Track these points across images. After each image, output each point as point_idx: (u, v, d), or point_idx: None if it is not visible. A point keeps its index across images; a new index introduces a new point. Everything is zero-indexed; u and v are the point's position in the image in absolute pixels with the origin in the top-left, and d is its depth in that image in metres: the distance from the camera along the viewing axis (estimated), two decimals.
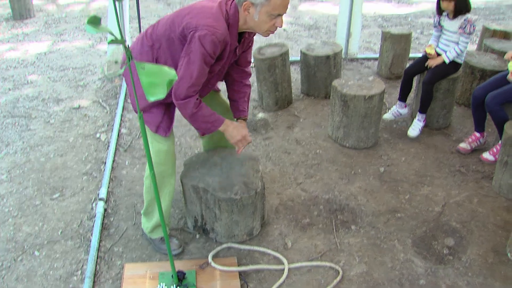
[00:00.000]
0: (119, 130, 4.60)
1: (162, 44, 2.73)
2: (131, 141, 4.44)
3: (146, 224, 3.22)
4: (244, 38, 2.81)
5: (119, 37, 2.06)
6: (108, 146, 4.36)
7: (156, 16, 8.46)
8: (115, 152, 4.25)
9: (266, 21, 2.56)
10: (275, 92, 4.82)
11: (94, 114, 4.94)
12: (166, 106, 2.92)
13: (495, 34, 6.10)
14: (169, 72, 2.10)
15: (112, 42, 2.14)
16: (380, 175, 3.95)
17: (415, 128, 4.49)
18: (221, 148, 3.46)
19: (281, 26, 2.64)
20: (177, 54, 2.69)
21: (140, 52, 2.80)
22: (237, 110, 3.12)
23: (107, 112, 4.98)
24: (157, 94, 2.04)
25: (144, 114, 2.88)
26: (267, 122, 4.68)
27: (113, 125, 4.69)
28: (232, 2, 2.64)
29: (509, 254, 3.13)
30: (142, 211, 3.23)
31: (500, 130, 3.97)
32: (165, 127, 2.92)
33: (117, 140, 4.44)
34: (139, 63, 2.13)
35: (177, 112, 3.01)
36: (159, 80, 2.04)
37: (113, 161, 4.13)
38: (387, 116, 4.70)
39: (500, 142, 4.03)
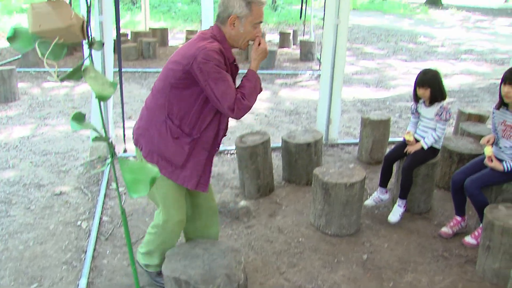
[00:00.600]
0: (101, 218, 4.56)
1: (170, 97, 2.91)
2: (112, 229, 4.39)
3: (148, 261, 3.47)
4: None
5: (103, 134, 2.09)
6: (89, 234, 4.31)
7: (139, 101, 8.57)
8: (96, 241, 4.19)
9: (250, 31, 2.93)
10: (257, 180, 4.86)
11: (75, 201, 4.91)
12: (209, 155, 3.09)
13: (470, 117, 6.29)
14: (152, 170, 2.13)
15: (96, 139, 2.18)
16: (363, 263, 3.94)
17: (396, 214, 4.52)
18: (203, 239, 3.48)
19: (260, 34, 2.99)
20: (185, 98, 2.90)
21: (150, 120, 3.03)
22: None
23: (88, 199, 4.95)
24: (140, 191, 2.06)
25: (177, 171, 3.03)
26: (249, 210, 4.68)
27: (94, 212, 4.66)
28: (212, 27, 2.99)
29: None
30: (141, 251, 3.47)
31: (481, 214, 4.02)
32: (206, 180, 3.11)
33: (98, 228, 4.39)
34: (123, 160, 2.16)
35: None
36: (142, 177, 2.06)
37: (94, 250, 4.06)
38: (369, 202, 4.73)
39: (481, 225, 4.07)
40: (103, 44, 2.23)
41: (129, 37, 14.21)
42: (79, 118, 2.16)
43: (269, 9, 25.29)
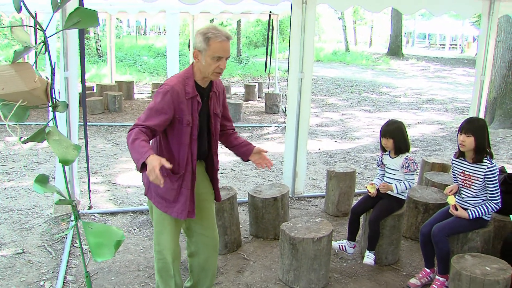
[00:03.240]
0: (65, 278, 4.43)
1: (157, 139, 3.34)
2: None
3: None
4: (212, 92, 3.39)
5: (67, 196, 2.06)
6: None
7: (105, 156, 8.49)
8: None
9: (211, 64, 3.14)
10: (224, 236, 4.80)
11: (38, 260, 4.77)
12: (191, 186, 3.36)
13: (434, 167, 6.41)
14: (117, 232, 2.10)
15: (60, 202, 2.14)
16: None
17: (370, 256, 4.56)
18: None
19: (224, 68, 3.21)
20: (164, 139, 3.29)
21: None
22: (246, 146, 3.69)
23: (52, 258, 4.81)
24: (105, 255, 2.02)
25: (171, 205, 3.33)
26: (216, 266, 4.62)
27: (58, 271, 4.52)
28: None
29: None
30: None
31: (442, 264, 4.10)
32: (193, 208, 3.40)
33: None
34: (87, 223, 2.12)
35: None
36: (106, 240, 2.02)
37: None
38: (334, 244, 4.73)
39: (436, 276, 4.18)
40: (68, 105, 2.22)
41: (94, 91, 14.18)
42: (43, 180, 2.12)
43: (234, 62, 25.64)
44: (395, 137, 4.50)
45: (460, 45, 50.26)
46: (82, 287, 4.31)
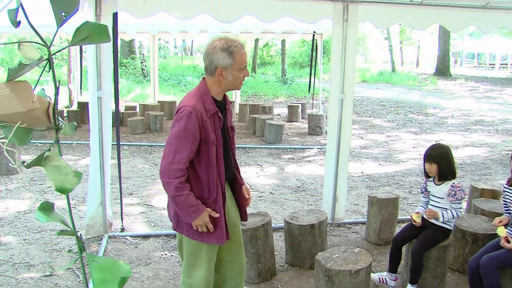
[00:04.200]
0: None
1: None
2: None
3: None
4: (227, 105, 3.35)
5: (71, 227, 1.87)
6: None
7: (142, 176, 8.40)
8: None
9: (238, 76, 3.12)
10: (257, 264, 4.58)
11: (65, 283, 4.63)
12: (224, 205, 3.27)
13: (483, 193, 6.05)
14: (124, 268, 1.91)
15: (61, 233, 1.97)
16: None
17: None
18: None
19: (248, 75, 3.23)
20: (190, 166, 3.11)
21: None
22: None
23: (80, 282, 4.67)
24: None
25: (208, 233, 3.17)
26: None
27: None
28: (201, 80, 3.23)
29: None
30: None
31: None
32: (227, 228, 3.31)
33: None
34: (91, 255, 1.94)
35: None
36: (111, 276, 1.84)
37: None
38: (374, 277, 4.48)
39: None
40: (77, 126, 2.04)
41: (137, 110, 14.27)
42: (47, 208, 1.96)
43: (278, 82, 25.60)
44: (439, 162, 4.23)
45: (511, 64, 49.01)
46: None
